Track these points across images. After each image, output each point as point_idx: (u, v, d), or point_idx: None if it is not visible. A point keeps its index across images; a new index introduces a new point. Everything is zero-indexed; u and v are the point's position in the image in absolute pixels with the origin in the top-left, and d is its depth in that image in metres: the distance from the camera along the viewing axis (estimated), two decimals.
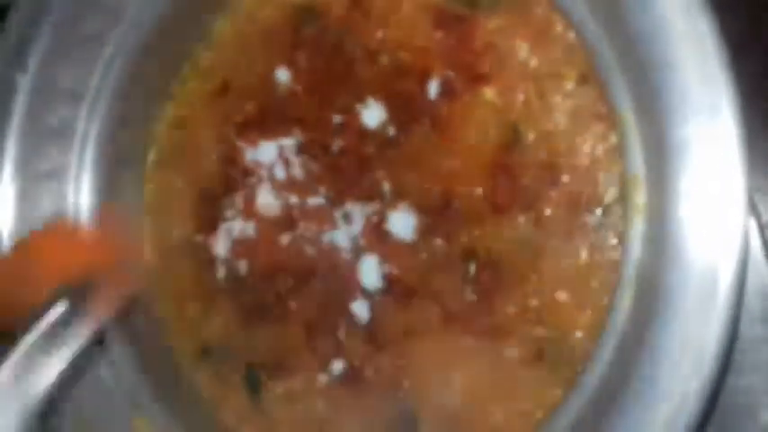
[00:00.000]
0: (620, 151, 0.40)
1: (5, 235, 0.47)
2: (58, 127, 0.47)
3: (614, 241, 0.41)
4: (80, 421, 0.45)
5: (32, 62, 0.46)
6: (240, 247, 0.48)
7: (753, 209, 0.42)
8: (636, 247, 0.39)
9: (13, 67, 0.46)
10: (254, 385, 0.48)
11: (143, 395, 0.47)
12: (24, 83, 0.46)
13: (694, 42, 0.34)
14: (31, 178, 0.47)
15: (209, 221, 0.49)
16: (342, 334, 0.46)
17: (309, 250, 0.47)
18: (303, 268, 0.47)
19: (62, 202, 0.48)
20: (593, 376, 0.39)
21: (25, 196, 0.47)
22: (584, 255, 0.42)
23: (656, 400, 0.34)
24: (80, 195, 0.48)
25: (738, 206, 0.33)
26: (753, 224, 0.43)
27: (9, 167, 0.47)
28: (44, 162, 0.47)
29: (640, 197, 0.38)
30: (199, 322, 0.49)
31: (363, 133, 0.46)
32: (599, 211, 0.42)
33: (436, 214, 0.45)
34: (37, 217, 0.47)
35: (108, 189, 0.49)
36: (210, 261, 0.49)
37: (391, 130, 0.46)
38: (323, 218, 0.47)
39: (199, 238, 0.49)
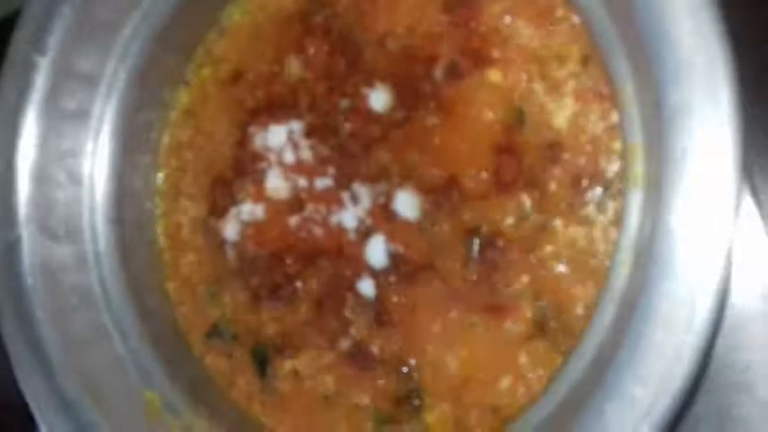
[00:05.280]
0: (620, 126, 0.41)
1: (23, 213, 0.47)
2: (74, 109, 0.48)
3: (614, 216, 0.42)
4: (94, 391, 0.46)
5: (51, 45, 0.47)
6: (250, 229, 0.49)
7: (750, 181, 0.42)
8: (634, 219, 0.39)
9: (33, 49, 0.46)
10: (262, 363, 0.48)
11: (155, 371, 0.48)
12: (43, 65, 0.47)
13: (691, 11, 0.35)
14: (48, 158, 0.48)
15: (221, 205, 0.50)
16: (348, 312, 0.47)
17: (317, 231, 0.48)
18: (311, 249, 0.48)
19: (78, 184, 0.49)
20: (592, 343, 0.39)
21: (42, 176, 0.47)
22: (584, 230, 0.43)
23: (650, 356, 0.34)
24: (95, 178, 0.49)
25: (732, 170, 0.34)
26: (750, 201, 0.43)
27: (27, 146, 0.47)
28: (60, 143, 0.48)
29: (639, 166, 0.39)
30: (208, 303, 0.50)
31: (370, 116, 0.47)
32: (600, 188, 0.43)
33: (441, 194, 0.45)
34: (53, 199, 0.48)
35: (122, 172, 0.50)
36: (221, 243, 0.50)
37: (398, 113, 0.47)
38: (330, 199, 0.48)
39: (210, 221, 0.50)
